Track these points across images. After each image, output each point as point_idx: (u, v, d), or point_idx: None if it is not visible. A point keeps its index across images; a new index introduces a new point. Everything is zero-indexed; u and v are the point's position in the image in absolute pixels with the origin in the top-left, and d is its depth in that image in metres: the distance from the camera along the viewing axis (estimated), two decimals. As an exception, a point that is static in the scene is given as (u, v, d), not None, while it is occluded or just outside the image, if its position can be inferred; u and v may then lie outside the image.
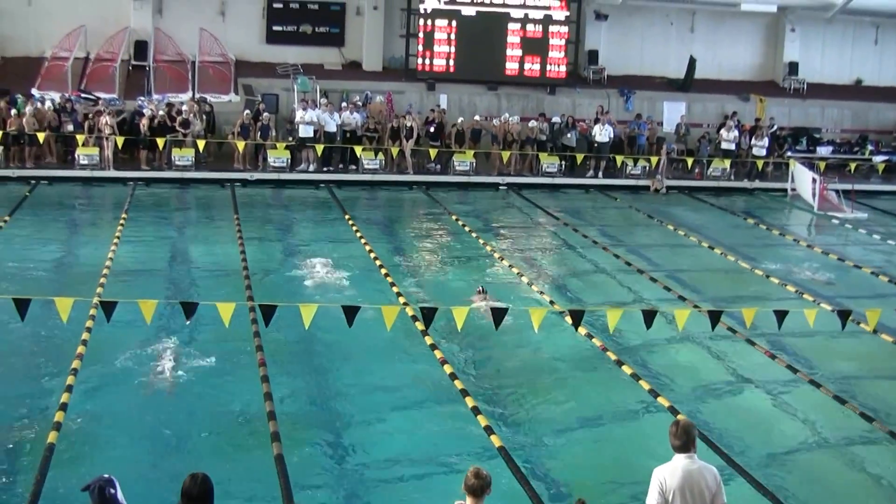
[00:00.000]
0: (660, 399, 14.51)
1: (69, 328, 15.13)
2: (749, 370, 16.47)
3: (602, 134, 34.96)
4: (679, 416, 13.34)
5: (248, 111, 33.32)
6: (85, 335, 15.73)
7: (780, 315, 14.74)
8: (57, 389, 13.86)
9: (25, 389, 14.50)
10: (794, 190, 34.91)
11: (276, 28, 39.70)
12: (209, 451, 12.70)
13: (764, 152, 36.26)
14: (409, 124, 33.82)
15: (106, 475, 8.01)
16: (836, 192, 33.08)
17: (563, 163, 35.07)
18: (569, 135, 35.61)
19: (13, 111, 31.84)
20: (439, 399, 14.62)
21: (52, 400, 13.61)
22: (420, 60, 38.45)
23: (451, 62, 38.49)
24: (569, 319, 15.42)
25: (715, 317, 15.18)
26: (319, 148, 32.74)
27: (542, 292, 20.30)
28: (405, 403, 14.53)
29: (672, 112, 39.51)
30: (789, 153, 37.44)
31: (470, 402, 13.93)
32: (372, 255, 22.74)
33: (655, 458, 9.44)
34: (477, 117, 36.26)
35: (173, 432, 13.25)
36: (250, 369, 15.06)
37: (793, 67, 43.24)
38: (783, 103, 41.51)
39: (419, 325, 16.44)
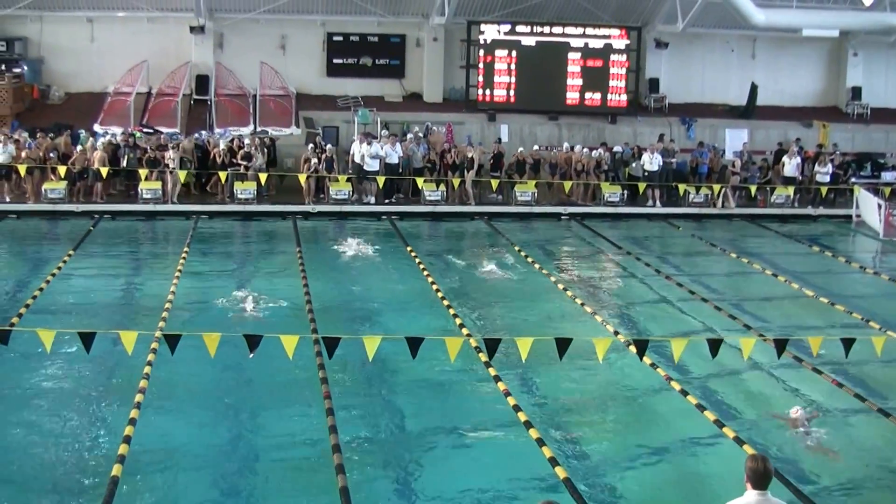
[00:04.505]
0: (725, 430, 14.34)
1: (132, 361, 15.27)
2: (816, 399, 16.25)
3: (652, 163, 34.78)
4: (747, 449, 13.18)
5: (312, 145, 33.52)
6: (147, 368, 15.84)
7: (847, 343, 14.57)
8: (121, 422, 13.91)
9: (90, 422, 14.67)
10: (859, 216, 34.50)
11: (336, 61, 40.13)
12: (274, 484, 12.74)
13: (828, 179, 35.82)
14: (469, 155, 33.85)
15: None
16: (903, 217, 32.72)
17: (626, 192, 34.88)
18: (634, 164, 35.46)
19: (78, 147, 32.30)
20: (504, 430, 14.57)
21: (116, 433, 13.68)
22: (480, 91, 38.67)
23: (512, 92, 38.68)
24: (633, 349, 15.31)
25: (781, 346, 14.99)
26: (381, 180, 32.84)
27: (605, 322, 20.19)
28: (470, 436, 14.49)
29: (734, 139, 39.32)
30: (854, 179, 37.03)
31: (534, 433, 13.86)
32: (434, 286, 22.75)
33: (721, 491, 9.37)
34: (536, 147, 36.27)
35: (238, 465, 13.33)
36: (315, 402, 15.10)
37: (856, 92, 42.93)
38: (846, 129, 41.19)
39: (483, 357, 16.41)
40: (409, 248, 27.19)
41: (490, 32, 38.43)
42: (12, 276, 24.20)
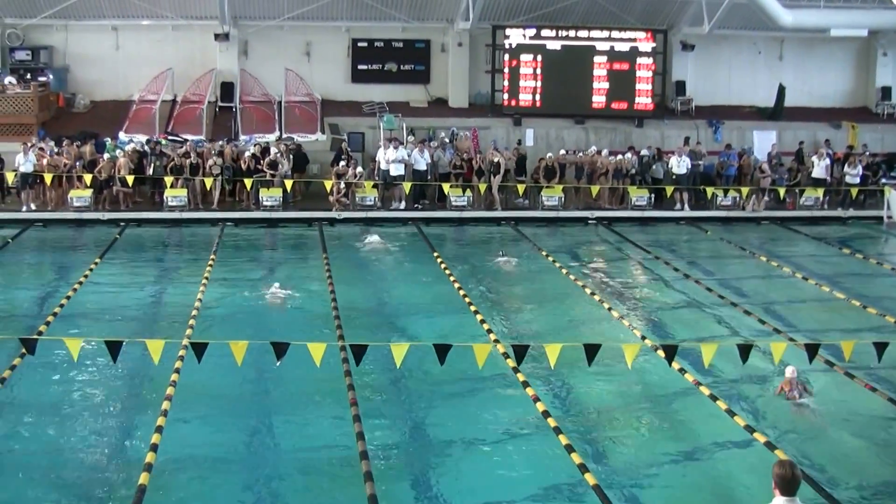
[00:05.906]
0: (755, 435, 14.18)
1: (159, 369, 15.24)
2: (848, 404, 16.06)
3: (680, 166, 34.53)
4: (779, 455, 13.02)
5: (343, 163, 33.43)
6: (174, 376, 15.78)
7: (880, 347, 14.38)
8: (148, 430, 13.88)
9: (117, 430, 14.68)
10: (889, 217, 34.22)
11: (361, 67, 40.22)
12: (302, 492, 12.70)
13: (857, 180, 35.52)
14: (495, 160, 33.73)
15: None
16: (935, 218, 32.47)
17: (652, 196, 34.65)
18: (655, 166, 35.30)
19: (105, 155, 32.34)
20: (533, 436, 14.47)
21: (143, 440, 13.67)
22: (506, 96, 38.64)
23: (537, 97, 38.60)
24: (661, 354, 15.17)
25: (812, 350, 14.79)
26: (407, 186, 32.75)
27: (633, 327, 20.03)
28: (498, 442, 14.39)
29: (762, 141, 39.05)
30: (884, 180, 36.73)
31: (563, 439, 13.73)
32: (461, 292, 22.63)
33: (750, 497, 9.23)
34: (563, 151, 36.16)
35: (265, 473, 13.28)
36: (342, 409, 15.02)
37: (885, 92, 42.66)
38: (876, 129, 40.86)
39: (511, 363, 16.31)
40: (435, 254, 27.09)
41: (515, 37, 38.34)
42: (39, 284, 24.28)
